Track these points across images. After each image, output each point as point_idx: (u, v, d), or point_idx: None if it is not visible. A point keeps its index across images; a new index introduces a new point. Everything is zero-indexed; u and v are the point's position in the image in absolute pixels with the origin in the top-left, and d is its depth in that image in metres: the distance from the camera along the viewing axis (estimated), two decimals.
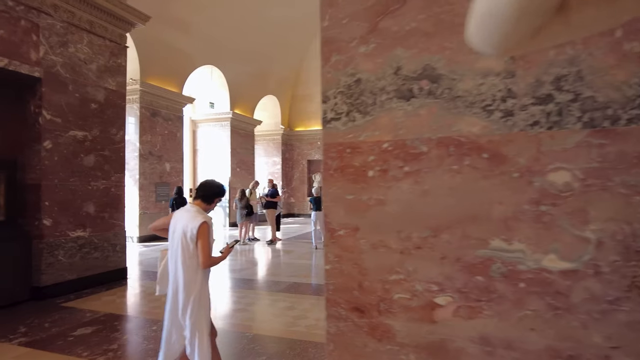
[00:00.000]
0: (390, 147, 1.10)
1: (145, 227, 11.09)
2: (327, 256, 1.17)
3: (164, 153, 11.89)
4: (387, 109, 1.10)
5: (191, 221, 2.58)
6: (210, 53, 13.72)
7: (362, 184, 1.12)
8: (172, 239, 2.64)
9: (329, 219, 1.16)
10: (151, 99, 11.41)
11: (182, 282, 2.57)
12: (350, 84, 1.14)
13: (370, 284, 1.11)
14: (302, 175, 19.71)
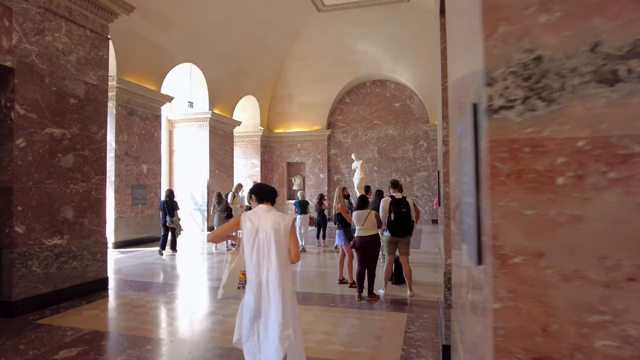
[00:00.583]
0: (587, 146, 0.83)
1: (122, 231, 10.44)
2: (495, 291, 0.88)
3: (140, 154, 11.26)
4: (581, 95, 0.84)
5: (282, 218, 2.75)
6: (190, 50, 13.18)
7: (548, 194, 0.85)
8: (255, 238, 2.70)
9: (499, 241, 0.88)
10: (128, 97, 10.78)
11: (276, 279, 2.65)
12: (526, 62, 0.87)
13: (560, 328, 0.84)
14: (282, 178, 19.32)
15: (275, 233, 2.68)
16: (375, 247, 5.49)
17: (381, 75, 18.16)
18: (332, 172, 19.03)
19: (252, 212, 2.81)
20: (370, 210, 5.56)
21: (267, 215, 2.76)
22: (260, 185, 3.03)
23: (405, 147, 18.21)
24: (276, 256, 2.66)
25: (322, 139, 18.79)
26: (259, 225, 2.71)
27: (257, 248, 2.69)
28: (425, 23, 16.02)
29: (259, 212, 2.79)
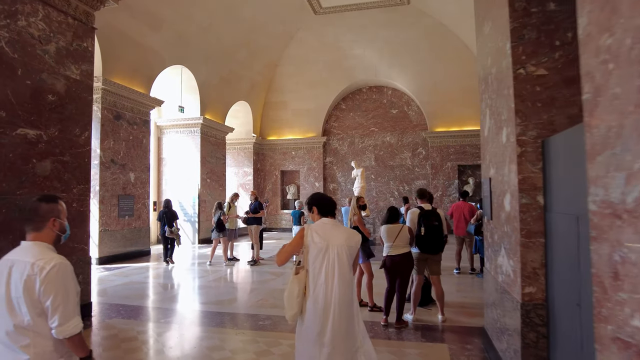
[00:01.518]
0: None
1: (106, 246, 9.55)
2: None
3: (128, 161, 10.41)
4: None
5: (353, 234, 2.64)
6: (181, 52, 12.43)
7: None
8: (325, 255, 2.53)
9: None
10: (114, 100, 9.97)
11: (346, 296, 2.52)
12: None
13: None
14: (275, 186, 18.55)
15: (347, 250, 2.55)
16: (408, 268, 4.77)
17: (378, 81, 17.65)
18: (328, 181, 18.35)
19: (319, 226, 2.62)
20: (402, 225, 4.85)
21: (336, 230, 2.61)
22: (321, 196, 2.81)
23: (403, 154, 17.66)
24: (347, 274, 2.54)
25: (317, 146, 18.13)
26: (330, 241, 2.54)
27: (326, 265, 2.51)
28: (423, 27, 15.63)
29: (326, 227, 2.61)
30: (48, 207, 1.83)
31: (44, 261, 1.69)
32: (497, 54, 3.31)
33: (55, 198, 1.91)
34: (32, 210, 1.82)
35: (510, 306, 2.99)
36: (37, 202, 1.83)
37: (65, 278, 1.72)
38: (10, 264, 1.73)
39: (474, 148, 16.47)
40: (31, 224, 1.80)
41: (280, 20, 15.06)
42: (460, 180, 16.81)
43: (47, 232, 1.82)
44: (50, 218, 1.82)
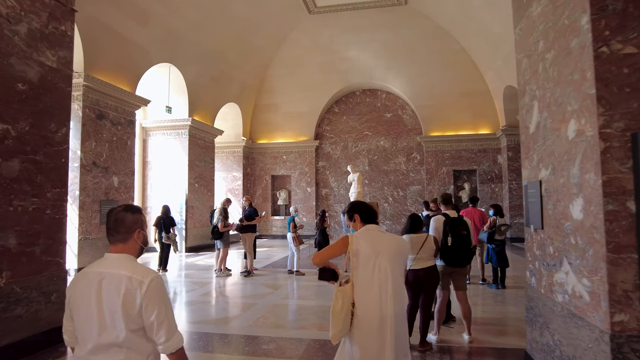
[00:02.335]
0: None
1: (87, 256, 8.78)
2: None
3: (111, 164, 9.67)
4: None
5: (403, 241, 2.53)
6: (169, 49, 11.76)
7: None
8: (376, 264, 2.33)
9: None
10: (97, 98, 9.25)
11: (402, 308, 2.37)
12: None
13: None
14: (266, 192, 17.89)
15: (399, 258, 2.43)
16: (434, 283, 4.20)
17: (372, 84, 17.21)
18: (320, 186, 17.78)
19: (365, 234, 2.45)
20: (426, 235, 4.28)
21: (384, 237, 2.47)
22: (361, 203, 2.67)
23: (397, 159, 17.23)
24: (401, 284, 2.41)
25: (310, 150, 17.57)
26: (379, 248, 2.37)
27: (378, 275, 2.32)
28: (420, 29, 15.27)
29: (373, 234, 2.45)
30: (134, 217, 1.76)
31: (141, 275, 1.64)
32: (559, 34, 2.81)
33: (140, 209, 1.84)
34: (118, 220, 1.74)
35: (587, 336, 2.45)
36: (123, 212, 1.76)
37: (163, 292, 1.68)
38: (99, 277, 1.66)
39: (470, 153, 16.15)
40: (117, 234, 1.73)
41: (274, 20, 14.52)
42: (456, 186, 16.44)
43: (132, 244, 1.76)
44: (136, 229, 1.75)
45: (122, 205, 1.81)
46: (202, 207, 13.99)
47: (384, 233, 2.50)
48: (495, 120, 15.95)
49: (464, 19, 13.68)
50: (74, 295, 1.69)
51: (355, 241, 2.37)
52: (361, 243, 2.36)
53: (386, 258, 2.33)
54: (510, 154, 15.19)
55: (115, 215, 1.75)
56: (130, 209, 1.80)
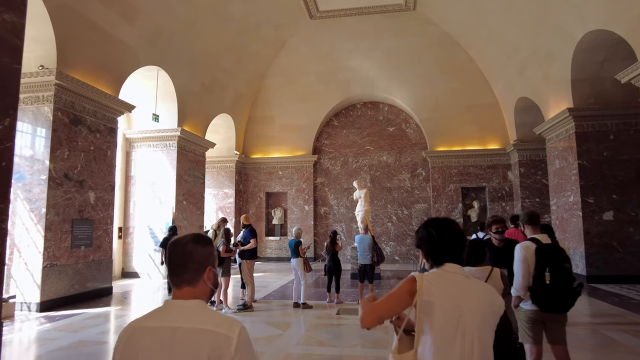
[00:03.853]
0: None
1: (53, 286, 7.34)
2: None
3: (87, 177, 8.34)
4: None
5: (495, 297, 1.67)
6: (158, 51, 10.60)
7: None
8: (459, 324, 1.57)
9: None
10: (72, 100, 7.97)
11: None
12: None
13: None
14: (260, 210, 16.57)
15: (490, 319, 1.61)
16: (504, 334, 2.99)
17: (374, 96, 16.26)
18: (319, 204, 16.55)
19: (441, 278, 1.63)
20: (491, 268, 3.08)
21: (471, 285, 1.64)
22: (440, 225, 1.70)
23: (401, 175, 16.17)
24: (488, 349, 1.60)
25: (307, 165, 16.40)
26: (464, 303, 1.58)
27: (461, 343, 1.55)
28: (427, 36, 14.46)
29: (455, 279, 1.64)
30: (205, 251, 1.38)
31: (226, 328, 1.27)
32: None
33: (210, 240, 1.44)
34: (187, 255, 1.36)
35: None
36: (192, 244, 1.37)
37: (250, 344, 1.32)
38: (169, 333, 1.26)
39: (478, 169, 15.21)
40: (185, 274, 1.35)
41: (272, 24, 13.53)
42: (464, 204, 15.41)
43: (202, 286, 1.37)
44: (207, 267, 1.38)
45: (191, 235, 1.40)
46: (191, 227, 12.62)
47: (469, 279, 1.69)
48: (504, 135, 15.09)
49: (475, 25, 12.89)
50: None
51: (426, 288, 1.61)
52: (436, 293, 1.60)
53: (473, 319, 1.59)
54: (523, 170, 14.27)
55: (183, 248, 1.36)
56: (202, 240, 1.40)
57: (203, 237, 1.43)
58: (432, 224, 1.72)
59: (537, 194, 14.16)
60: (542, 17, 10.03)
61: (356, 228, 16.35)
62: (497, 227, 4.19)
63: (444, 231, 1.69)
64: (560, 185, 11.21)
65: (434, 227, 1.70)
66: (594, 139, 10.25)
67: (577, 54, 9.61)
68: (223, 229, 7.52)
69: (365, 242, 7.64)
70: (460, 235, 1.71)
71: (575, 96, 10.26)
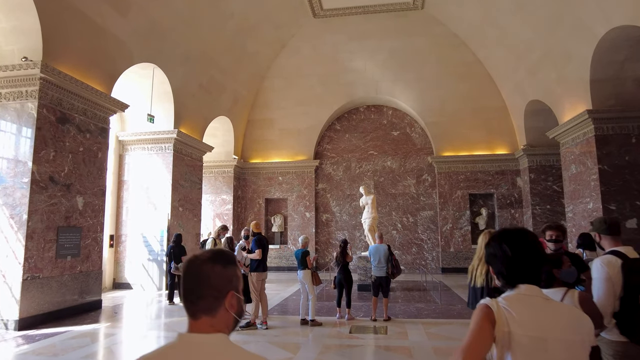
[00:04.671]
0: None
1: (34, 300, 6.63)
2: None
3: (75, 180, 7.66)
4: None
5: (582, 320, 1.41)
6: (154, 47, 9.99)
7: None
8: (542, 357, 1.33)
9: None
10: (60, 96, 7.32)
11: None
12: None
13: None
14: (259, 217, 15.88)
15: (580, 348, 1.37)
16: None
17: (377, 99, 15.72)
18: (320, 211, 15.90)
19: (518, 304, 1.39)
20: (575, 291, 2.45)
21: (554, 311, 1.40)
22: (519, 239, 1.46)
23: (406, 181, 15.59)
24: None
25: (309, 171, 15.78)
26: (547, 333, 1.35)
27: None
28: (433, 37, 13.96)
29: (534, 304, 1.40)
30: (226, 273, 1.14)
31: None
32: None
33: (233, 258, 1.20)
34: (201, 278, 1.11)
35: None
36: (209, 263, 1.12)
37: None
38: None
39: (486, 175, 14.67)
40: (200, 301, 1.10)
41: (273, 23, 12.98)
42: (471, 211, 14.83)
43: (223, 315, 1.12)
44: (229, 292, 1.13)
45: (208, 253, 1.15)
46: (187, 235, 11.92)
47: (550, 302, 1.44)
48: (512, 140, 14.58)
49: (485, 25, 12.39)
50: None
51: (503, 319, 1.35)
52: (513, 323, 1.34)
53: (560, 350, 1.32)
54: (533, 176, 13.74)
55: (198, 269, 1.11)
56: (221, 258, 1.14)
57: (223, 255, 1.18)
58: (506, 239, 1.48)
59: (548, 200, 13.63)
60: (560, 14, 9.53)
61: (359, 236, 15.74)
62: (552, 234, 3.57)
63: (521, 248, 1.45)
64: (578, 192, 10.65)
65: (509, 242, 1.46)
66: (615, 142, 9.71)
67: (598, 53, 9.10)
68: (225, 238, 6.85)
69: (381, 253, 7.01)
70: (540, 252, 1.47)
71: (595, 97, 9.73)
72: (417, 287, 11.18)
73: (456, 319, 7.27)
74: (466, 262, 14.55)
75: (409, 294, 9.97)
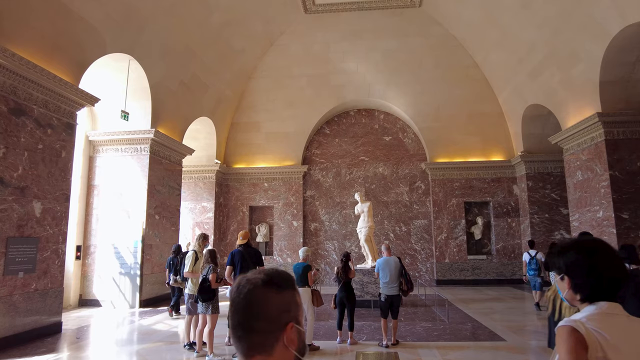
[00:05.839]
0: None
1: None
2: None
3: (32, 183, 6.55)
4: None
5: None
6: (130, 37, 8.99)
7: None
8: None
9: None
10: (14, 84, 6.24)
11: None
12: None
13: None
14: (242, 226, 14.82)
15: None
16: None
17: (369, 103, 15.00)
18: (309, 220, 14.97)
19: (605, 324, 1.23)
20: None
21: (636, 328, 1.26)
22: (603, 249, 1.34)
23: (398, 189, 14.85)
24: None
25: (296, 177, 14.87)
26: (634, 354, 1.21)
27: None
28: (430, 37, 13.36)
29: (619, 324, 1.25)
30: (282, 300, 0.93)
31: None
32: None
33: (292, 280, 0.99)
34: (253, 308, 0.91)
35: None
36: (261, 289, 0.93)
37: None
38: None
39: (482, 182, 14.08)
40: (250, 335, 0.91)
41: (262, 18, 12.12)
42: (466, 220, 14.18)
43: (282, 353, 0.91)
44: (288, 323, 0.92)
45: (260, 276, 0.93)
46: (164, 246, 10.83)
47: (632, 319, 1.29)
48: (508, 146, 14.08)
49: (485, 25, 11.85)
50: None
51: (596, 343, 1.19)
52: (611, 348, 1.18)
53: None
54: (531, 184, 13.22)
55: (247, 297, 0.91)
56: (276, 281, 0.94)
57: (279, 275, 0.96)
58: (587, 248, 1.35)
59: (546, 209, 13.11)
60: (569, 12, 9.01)
61: (350, 246, 14.84)
62: None
63: (606, 258, 1.32)
64: (584, 199, 10.08)
65: (591, 252, 1.33)
66: (626, 147, 9.19)
67: (609, 53, 8.58)
68: (207, 251, 5.87)
69: (392, 267, 6.16)
70: (624, 265, 1.36)
71: (604, 100, 9.22)
72: (417, 302, 10.36)
73: (471, 341, 6.46)
74: (462, 274, 13.90)
75: (411, 311, 9.13)
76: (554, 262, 1.40)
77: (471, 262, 13.81)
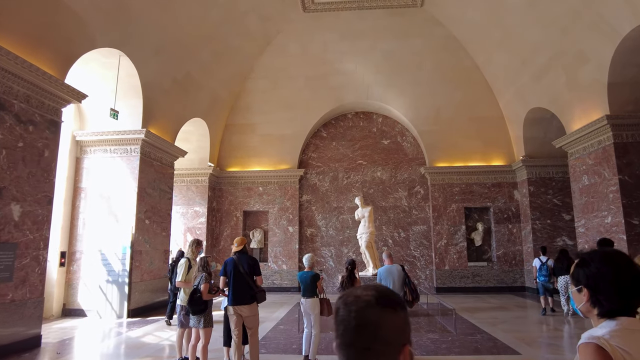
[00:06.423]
0: None
1: None
2: None
3: (9, 184, 6.04)
4: None
5: None
6: (121, 31, 8.52)
7: None
8: None
9: None
10: None
11: None
12: None
13: None
14: (236, 232, 14.32)
15: None
16: None
17: (367, 106, 14.66)
18: (305, 225, 14.51)
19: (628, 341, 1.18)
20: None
21: None
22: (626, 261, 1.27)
23: (397, 193, 14.48)
24: None
25: (292, 181, 14.43)
26: None
27: None
28: (431, 38, 13.06)
29: (637, 338, 1.20)
30: (399, 320, 0.89)
31: None
32: None
33: (401, 299, 0.96)
34: (368, 330, 0.86)
35: None
36: (378, 310, 0.87)
37: None
38: None
39: (482, 187, 13.77)
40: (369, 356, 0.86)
41: (259, 16, 11.73)
42: (466, 226, 13.84)
43: None
44: (404, 345, 0.88)
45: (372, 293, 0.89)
46: (154, 252, 10.31)
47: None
48: (509, 150, 13.80)
49: (488, 26, 11.57)
50: None
51: None
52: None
53: None
54: (532, 189, 12.93)
55: (361, 317, 0.86)
56: (391, 301, 0.89)
57: (392, 295, 0.92)
58: (609, 259, 1.28)
59: (548, 215, 12.82)
60: (578, 11, 8.74)
61: (347, 253, 14.41)
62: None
63: (631, 273, 1.25)
64: (591, 204, 9.79)
65: (614, 263, 1.26)
66: (636, 151, 8.91)
67: (619, 53, 8.32)
68: (200, 259, 5.39)
69: (395, 275, 5.77)
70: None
71: (612, 102, 8.96)
72: (419, 312, 9.91)
73: (483, 354, 6.05)
74: (462, 282, 13.52)
75: (415, 321, 8.67)
76: (573, 273, 1.34)
77: (471, 269, 13.45)
